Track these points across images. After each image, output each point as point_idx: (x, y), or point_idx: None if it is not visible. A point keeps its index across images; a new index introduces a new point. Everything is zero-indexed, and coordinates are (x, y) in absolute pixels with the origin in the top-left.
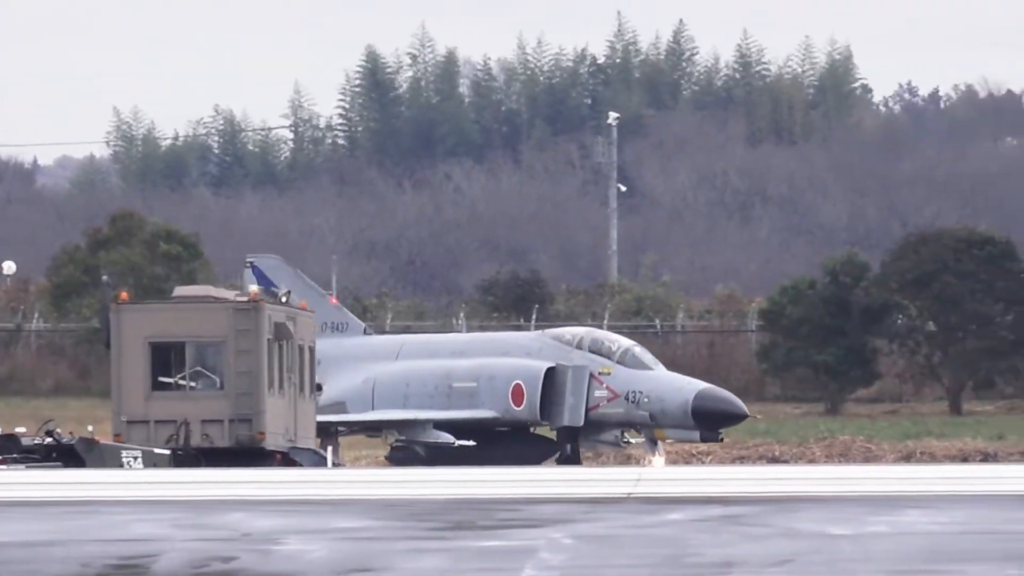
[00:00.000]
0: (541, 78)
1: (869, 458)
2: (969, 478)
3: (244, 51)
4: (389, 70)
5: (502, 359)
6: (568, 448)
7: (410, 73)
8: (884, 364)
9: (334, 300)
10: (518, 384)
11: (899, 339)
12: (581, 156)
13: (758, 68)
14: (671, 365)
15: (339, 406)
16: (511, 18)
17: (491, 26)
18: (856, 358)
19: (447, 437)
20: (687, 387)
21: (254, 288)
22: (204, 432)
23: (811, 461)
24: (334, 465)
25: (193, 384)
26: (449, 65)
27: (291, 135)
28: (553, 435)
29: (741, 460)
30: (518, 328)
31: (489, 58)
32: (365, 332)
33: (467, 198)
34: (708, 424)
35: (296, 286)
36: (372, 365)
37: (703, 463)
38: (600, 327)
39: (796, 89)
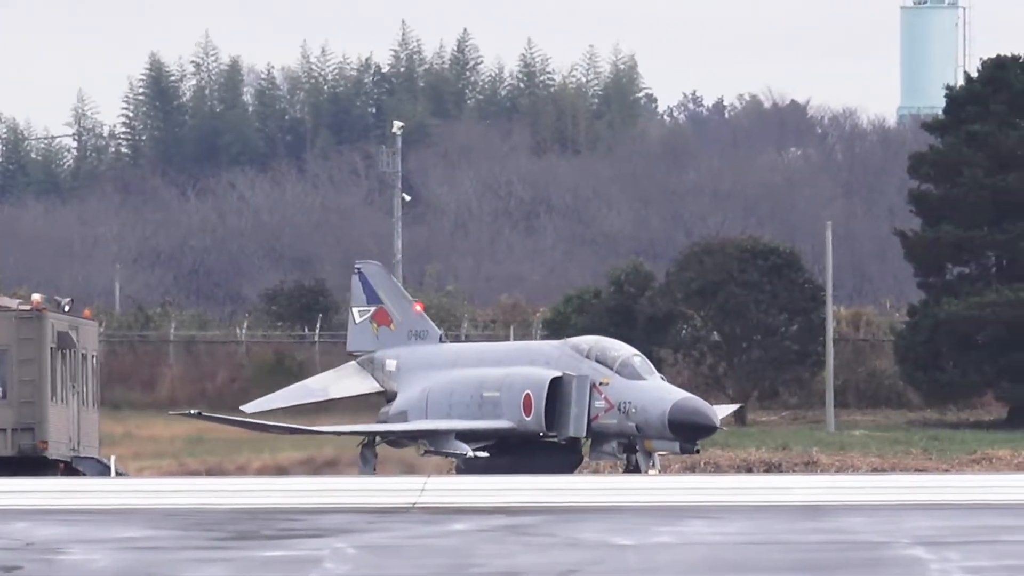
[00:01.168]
0: (325, 87)
1: None
2: (753, 488)
3: (27, 58)
4: (173, 78)
5: (518, 369)
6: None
7: (194, 81)
8: (669, 374)
9: (419, 308)
10: (527, 394)
11: (684, 349)
12: (365, 165)
13: (542, 77)
14: None
15: (403, 415)
16: (295, 26)
17: (275, 34)
18: None
19: (463, 448)
20: (666, 398)
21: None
22: None
23: (596, 471)
24: (117, 474)
25: None
26: (233, 74)
27: (74, 143)
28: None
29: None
30: (302, 338)
31: (273, 67)
32: (440, 340)
33: (251, 207)
34: (683, 435)
35: (391, 292)
36: (433, 374)
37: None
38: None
39: (580, 98)
